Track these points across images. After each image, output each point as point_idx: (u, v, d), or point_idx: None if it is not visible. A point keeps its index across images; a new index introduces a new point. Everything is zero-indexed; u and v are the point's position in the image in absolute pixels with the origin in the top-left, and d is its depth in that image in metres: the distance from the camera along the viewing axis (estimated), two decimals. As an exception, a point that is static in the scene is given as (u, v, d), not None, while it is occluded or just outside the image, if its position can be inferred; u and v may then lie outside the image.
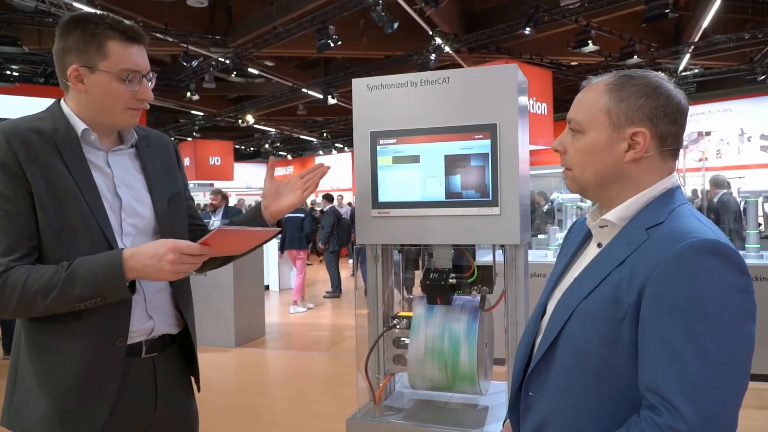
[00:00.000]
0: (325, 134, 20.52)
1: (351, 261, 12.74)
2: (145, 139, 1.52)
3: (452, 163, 1.78)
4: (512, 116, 1.72)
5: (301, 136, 20.89)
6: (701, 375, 0.92)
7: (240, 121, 15.69)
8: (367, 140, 1.87)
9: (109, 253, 1.30)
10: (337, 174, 22.29)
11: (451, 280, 1.79)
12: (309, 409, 4.40)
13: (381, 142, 1.85)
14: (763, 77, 11.66)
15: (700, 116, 13.63)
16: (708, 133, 10.05)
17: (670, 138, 1.10)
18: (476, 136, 1.75)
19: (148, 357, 1.44)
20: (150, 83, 1.42)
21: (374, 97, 1.87)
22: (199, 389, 1.61)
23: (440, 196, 1.80)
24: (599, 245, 1.18)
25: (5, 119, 1.38)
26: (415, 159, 1.82)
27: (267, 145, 22.21)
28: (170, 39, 9.46)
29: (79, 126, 1.38)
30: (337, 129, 19.42)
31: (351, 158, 21.88)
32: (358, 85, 1.89)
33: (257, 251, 7.14)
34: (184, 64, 9.98)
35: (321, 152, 22.85)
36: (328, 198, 10.43)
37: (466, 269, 1.84)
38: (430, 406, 1.93)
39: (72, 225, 1.31)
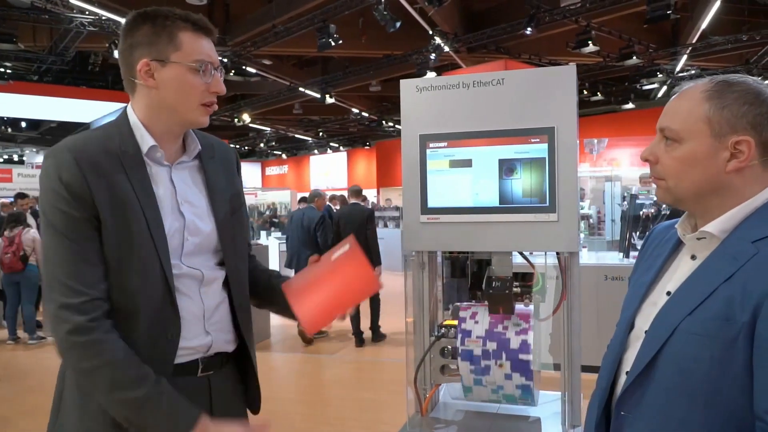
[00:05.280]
0: (320, 133, 20.40)
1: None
2: (209, 149, 1.43)
3: (507, 168, 1.73)
4: (571, 119, 1.67)
5: (297, 135, 20.76)
6: None
7: (236, 120, 15.55)
8: (416, 143, 1.80)
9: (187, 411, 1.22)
10: (331, 173, 22.23)
11: (515, 289, 1.73)
12: (327, 415, 4.31)
13: (431, 145, 1.79)
14: (759, 79, 11.70)
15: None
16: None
17: None
18: (533, 140, 1.70)
19: (203, 376, 1.36)
20: (221, 77, 1.35)
21: (423, 99, 1.81)
22: (258, 409, 1.55)
23: (494, 201, 1.74)
24: (693, 257, 1.12)
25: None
26: (467, 163, 1.76)
27: (262, 144, 22.05)
28: (168, 37, 9.33)
29: (147, 143, 1.29)
30: (333, 128, 19.31)
31: (346, 158, 21.84)
32: (407, 86, 1.82)
33: (264, 253, 7.03)
34: (182, 62, 9.86)
35: (316, 151, 22.69)
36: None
37: (521, 277, 1.79)
38: (479, 417, 1.87)
39: (132, 252, 1.22)
